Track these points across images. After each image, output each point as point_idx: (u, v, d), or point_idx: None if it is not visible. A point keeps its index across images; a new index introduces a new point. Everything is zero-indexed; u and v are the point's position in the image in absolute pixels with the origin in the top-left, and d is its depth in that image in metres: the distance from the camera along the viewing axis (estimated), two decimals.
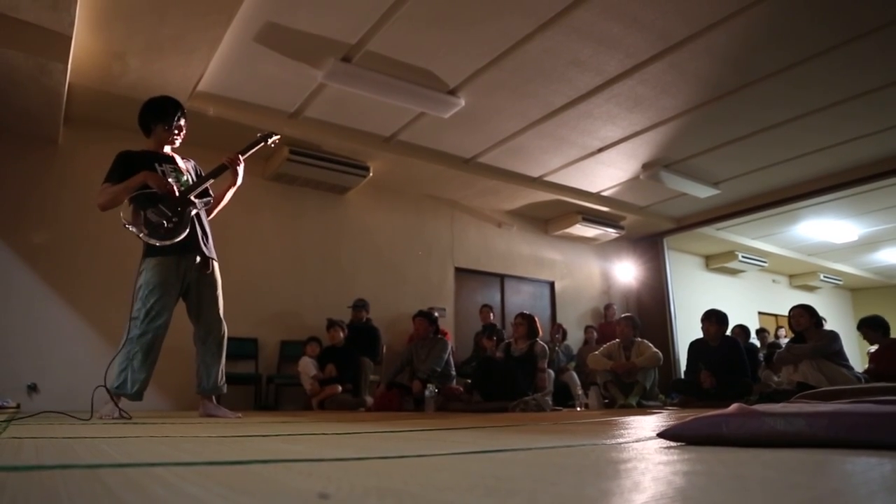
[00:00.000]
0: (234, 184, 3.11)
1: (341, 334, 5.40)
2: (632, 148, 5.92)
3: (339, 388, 5.13)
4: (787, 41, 4.14)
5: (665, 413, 3.74)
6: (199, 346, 3.09)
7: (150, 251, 2.88)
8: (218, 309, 3.09)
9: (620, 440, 1.41)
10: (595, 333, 7.43)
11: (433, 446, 1.29)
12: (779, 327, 9.61)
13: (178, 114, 3.08)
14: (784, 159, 6.16)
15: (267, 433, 1.72)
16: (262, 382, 5.43)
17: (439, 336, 5.53)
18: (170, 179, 2.91)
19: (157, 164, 2.97)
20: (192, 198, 2.93)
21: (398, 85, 4.56)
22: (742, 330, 6.76)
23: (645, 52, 4.26)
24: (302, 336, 5.62)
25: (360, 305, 5.85)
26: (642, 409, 4.78)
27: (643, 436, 1.55)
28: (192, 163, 3.24)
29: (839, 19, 3.90)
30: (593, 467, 0.86)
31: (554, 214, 7.79)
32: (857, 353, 8.78)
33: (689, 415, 1.30)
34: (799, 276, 11.41)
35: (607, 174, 6.60)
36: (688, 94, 4.88)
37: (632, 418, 2.84)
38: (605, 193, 7.21)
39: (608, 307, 8.10)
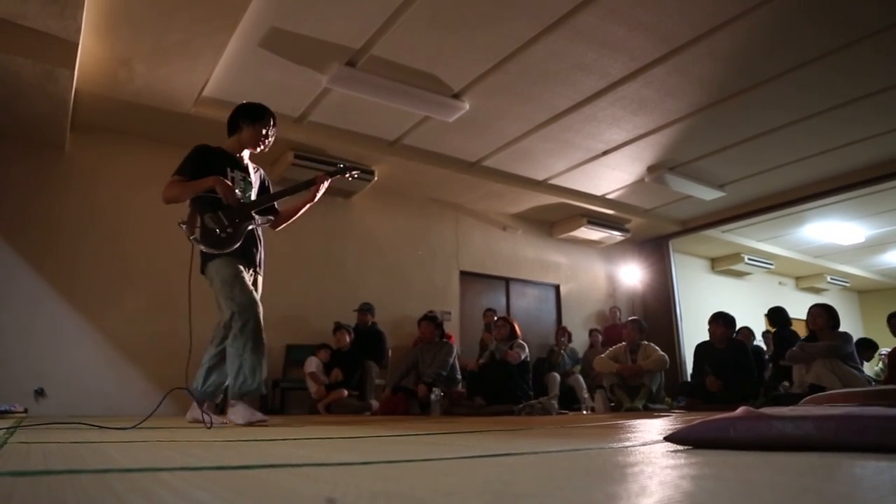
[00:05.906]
0: (312, 200, 2.97)
1: (347, 338, 5.41)
2: (636, 151, 5.91)
3: (345, 392, 5.13)
4: (789, 44, 4.13)
5: (672, 416, 3.72)
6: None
7: (211, 255, 2.77)
8: None
9: (627, 444, 1.40)
10: (600, 336, 7.41)
11: (440, 450, 1.29)
12: None
13: (273, 122, 2.99)
14: (789, 161, 6.14)
15: (273, 437, 1.72)
16: (268, 386, 5.43)
17: (444, 340, 5.53)
18: (237, 190, 2.79)
19: (229, 170, 2.85)
20: (254, 213, 2.83)
21: (402, 89, 4.57)
22: (748, 332, 6.74)
23: (649, 55, 4.26)
24: (307, 340, 5.62)
25: (365, 309, 5.86)
26: (649, 412, 4.76)
27: (650, 439, 1.54)
28: (262, 173, 3.11)
29: (841, 23, 3.90)
30: (600, 471, 0.86)
31: (559, 217, 7.79)
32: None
33: (696, 418, 1.30)
34: (806, 279, 11.35)
35: (612, 177, 6.59)
36: (692, 97, 4.87)
37: (638, 422, 2.83)
38: (609, 196, 7.19)
39: (613, 310, 8.08)
